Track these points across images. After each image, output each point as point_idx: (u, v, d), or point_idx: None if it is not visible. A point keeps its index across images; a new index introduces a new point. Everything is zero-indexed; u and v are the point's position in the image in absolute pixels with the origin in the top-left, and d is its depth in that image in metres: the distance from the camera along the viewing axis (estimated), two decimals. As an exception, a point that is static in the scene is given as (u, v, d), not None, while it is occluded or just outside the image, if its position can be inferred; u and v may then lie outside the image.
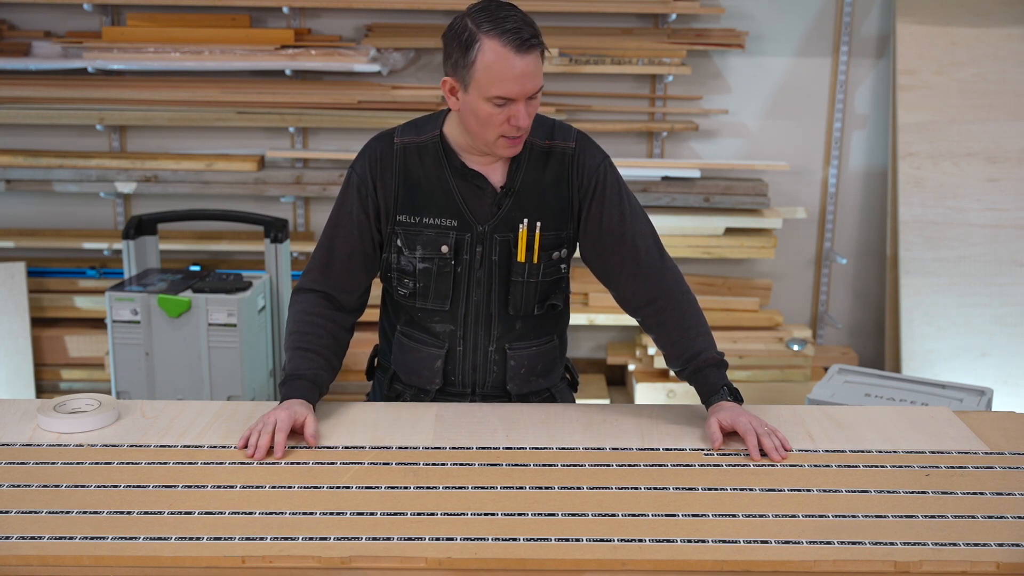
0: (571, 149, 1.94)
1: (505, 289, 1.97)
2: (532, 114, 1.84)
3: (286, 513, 1.56)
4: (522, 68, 1.77)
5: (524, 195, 1.93)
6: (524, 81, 1.77)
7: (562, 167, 1.94)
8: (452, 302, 1.97)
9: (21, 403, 1.95)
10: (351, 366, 3.76)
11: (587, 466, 1.73)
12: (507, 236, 1.94)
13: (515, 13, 1.79)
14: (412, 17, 3.78)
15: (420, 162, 1.93)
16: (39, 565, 1.45)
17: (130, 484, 1.64)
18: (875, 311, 4.11)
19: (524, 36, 1.76)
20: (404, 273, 1.97)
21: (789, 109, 3.92)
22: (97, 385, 3.84)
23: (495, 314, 1.98)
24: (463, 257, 1.94)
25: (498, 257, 1.94)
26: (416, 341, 2.02)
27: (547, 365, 2.07)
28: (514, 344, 2.01)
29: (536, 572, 1.46)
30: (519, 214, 1.93)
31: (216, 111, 3.70)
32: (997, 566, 1.46)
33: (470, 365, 2.02)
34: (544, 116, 1.97)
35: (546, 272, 1.97)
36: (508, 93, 1.78)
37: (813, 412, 1.98)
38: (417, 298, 1.98)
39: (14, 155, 3.72)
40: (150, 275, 3.33)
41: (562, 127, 1.97)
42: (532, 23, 1.80)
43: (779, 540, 1.50)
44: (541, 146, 1.93)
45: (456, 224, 1.93)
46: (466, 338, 2.00)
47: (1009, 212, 3.77)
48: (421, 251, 1.94)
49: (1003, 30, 3.76)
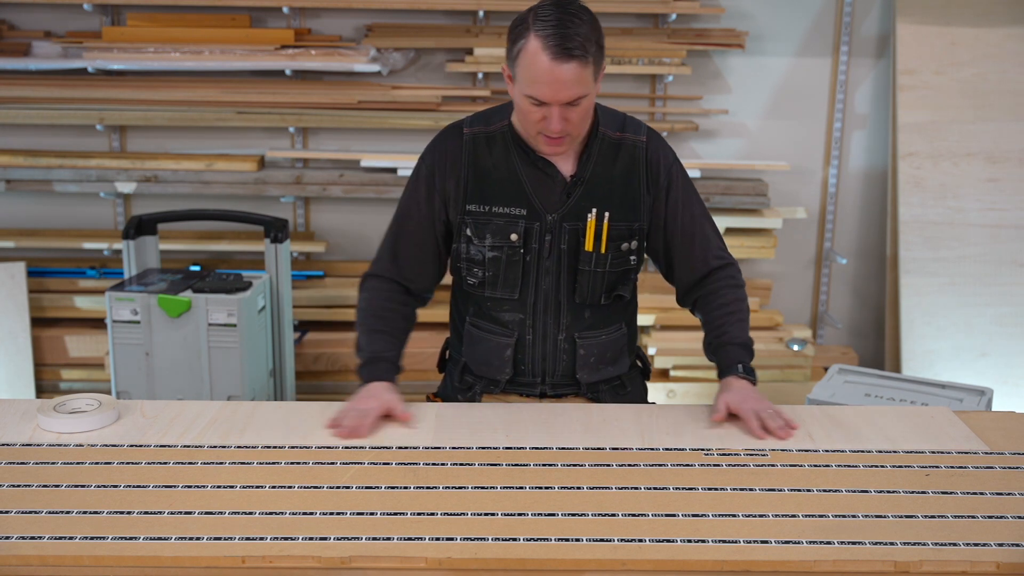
0: (642, 143, 1.97)
1: (573, 278, 1.98)
2: (576, 120, 1.84)
3: (286, 513, 1.56)
4: (555, 74, 1.76)
5: (594, 185, 1.95)
6: (557, 87, 1.78)
7: (633, 160, 1.97)
8: (521, 290, 1.99)
9: (21, 403, 1.96)
10: (352, 366, 3.77)
11: (587, 466, 1.73)
12: (576, 225, 1.95)
13: (574, 19, 1.77)
14: (412, 17, 3.78)
15: (489, 152, 1.95)
16: (39, 565, 1.45)
17: (130, 484, 1.64)
18: (875, 311, 4.11)
19: (566, 44, 1.75)
20: (473, 262, 1.99)
21: (789, 109, 3.92)
22: (97, 385, 3.83)
23: (564, 303, 2.00)
24: (532, 245, 1.96)
25: (567, 246, 1.96)
26: (486, 331, 2.04)
27: (616, 353, 2.08)
28: (583, 333, 2.03)
29: (536, 572, 1.46)
30: (588, 203, 1.95)
31: (216, 111, 3.70)
32: (997, 566, 1.46)
33: (539, 354, 2.03)
34: (615, 110, 2.01)
35: (614, 263, 1.98)
36: (540, 95, 1.79)
37: (813, 412, 1.98)
38: (487, 287, 2.00)
39: (14, 155, 3.72)
40: (150, 275, 3.33)
41: (633, 121, 2.00)
42: (586, 34, 1.78)
43: (779, 540, 1.50)
44: (612, 138, 1.96)
45: (525, 213, 1.95)
46: (535, 327, 2.01)
47: (1009, 212, 3.77)
48: (491, 239, 1.95)
49: (1003, 30, 3.76)
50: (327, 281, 3.88)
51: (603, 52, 1.84)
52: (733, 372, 1.97)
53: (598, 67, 1.83)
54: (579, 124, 1.86)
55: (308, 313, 3.82)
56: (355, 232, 3.97)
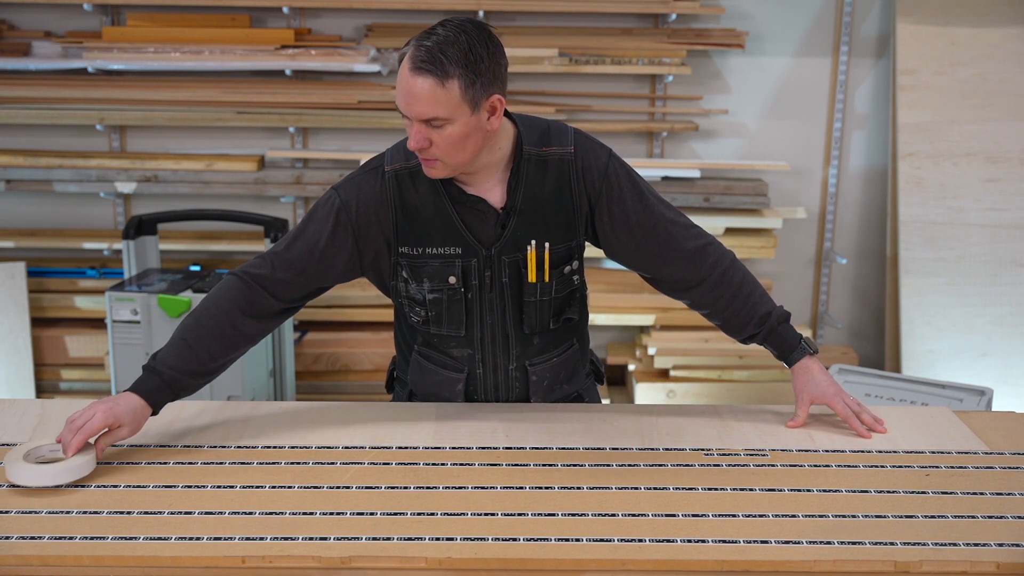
0: (569, 155, 1.85)
1: (519, 309, 1.91)
2: (442, 145, 1.72)
3: (286, 513, 1.56)
4: (409, 87, 1.68)
5: (527, 212, 1.85)
6: (410, 101, 1.69)
7: (562, 174, 1.85)
8: (467, 328, 1.92)
9: (21, 403, 1.96)
10: (352, 366, 3.77)
11: (587, 466, 1.73)
12: (515, 257, 1.87)
13: (447, 38, 1.67)
14: (412, 17, 3.78)
15: (415, 189, 1.84)
16: (39, 565, 1.45)
17: (130, 484, 1.64)
18: (875, 311, 4.11)
19: (424, 59, 1.66)
20: (415, 301, 1.91)
21: (789, 109, 3.92)
22: (97, 385, 3.84)
23: (511, 334, 1.94)
24: (472, 283, 1.88)
25: (508, 279, 1.88)
26: (435, 363, 1.98)
27: (569, 372, 2.04)
28: (534, 360, 1.97)
29: (536, 572, 1.46)
30: (525, 233, 1.85)
31: (216, 111, 3.70)
32: (997, 566, 1.46)
33: (491, 385, 1.99)
34: (538, 118, 1.89)
35: (559, 288, 1.91)
36: (399, 104, 1.72)
37: (813, 412, 1.97)
38: (431, 325, 1.93)
39: (14, 155, 3.72)
40: (150, 275, 3.33)
41: (558, 130, 1.87)
42: (456, 56, 1.66)
43: (779, 540, 1.50)
44: (537, 154, 1.84)
45: (460, 251, 1.85)
46: (485, 360, 1.96)
47: (1009, 212, 3.77)
48: (428, 283, 1.88)
49: (1003, 30, 3.76)
50: (327, 281, 3.88)
51: (485, 81, 1.70)
52: (802, 354, 1.92)
53: (471, 94, 1.68)
54: (447, 150, 1.72)
55: (308, 313, 3.82)
56: (355, 232, 3.96)
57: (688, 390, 3.71)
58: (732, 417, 1.94)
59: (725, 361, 3.71)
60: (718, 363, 3.71)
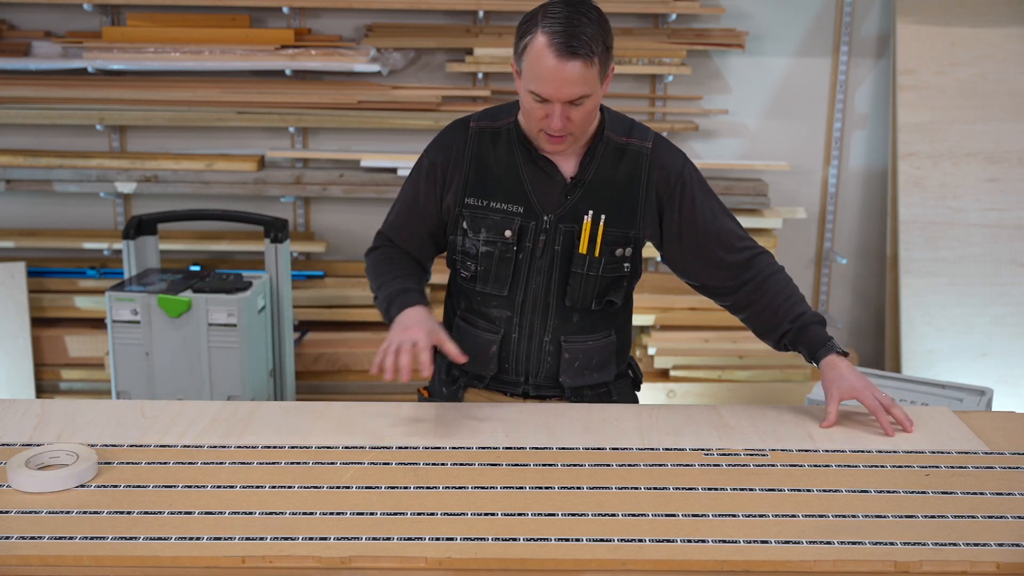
0: (647, 149, 1.95)
1: (564, 280, 1.98)
2: (578, 120, 1.83)
3: (286, 513, 1.56)
4: (559, 72, 1.76)
5: (594, 188, 1.94)
6: (560, 85, 1.77)
7: (636, 166, 1.95)
8: (511, 288, 1.99)
9: (21, 403, 1.96)
10: (352, 366, 3.77)
11: (587, 466, 1.73)
12: (572, 227, 1.95)
13: (583, 17, 1.77)
14: (412, 17, 3.78)
15: (493, 147, 1.96)
16: (39, 565, 1.45)
17: (131, 484, 1.64)
18: (875, 311, 4.11)
19: (571, 43, 1.75)
20: (467, 255, 1.99)
21: (789, 109, 3.92)
22: (97, 385, 3.84)
23: (552, 304, 1.99)
24: (526, 244, 1.96)
25: (561, 247, 1.96)
26: (474, 326, 2.04)
27: (603, 360, 2.06)
28: (569, 337, 2.02)
29: (536, 572, 1.46)
30: (586, 206, 1.94)
31: (216, 111, 3.70)
32: (997, 566, 1.46)
33: (524, 353, 2.03)
34: (624, 115, 2.00)
35: (607, 267, 1.97)
36: (543, 92, 1.79)
37: (813, 412, 1.98)
38: (478, 281, 2.00)
39: (14, 155, 3.72)
40: (150, 275, 3.33)
41: (640, 127, 1.98)
42: (592, 34, 1.77)
43: (779, 540, 1.50)
44: (617, 142, 1.94)
45: (522, 211, 1.94)
46: (521, 325, 2.01)
47: (1009, 212, 3.77)
48: (485, 234, 1.96)
49: (1003, 30, 3.76)
50: (327, 281, 3.89)
51: (611, 53, 1.82)
52: (832, 350, 1.94)
53: (604, 68, 1.81)
54: (581, 124, 1.85)
55: (308, 313, 3.82)
56: (355, 232, 3.97)
57: (688, 390, 3.71)
58: (732, 417, 1.94)
59: (725, 361, 3.71)
60: (718, 363, 3.72)
